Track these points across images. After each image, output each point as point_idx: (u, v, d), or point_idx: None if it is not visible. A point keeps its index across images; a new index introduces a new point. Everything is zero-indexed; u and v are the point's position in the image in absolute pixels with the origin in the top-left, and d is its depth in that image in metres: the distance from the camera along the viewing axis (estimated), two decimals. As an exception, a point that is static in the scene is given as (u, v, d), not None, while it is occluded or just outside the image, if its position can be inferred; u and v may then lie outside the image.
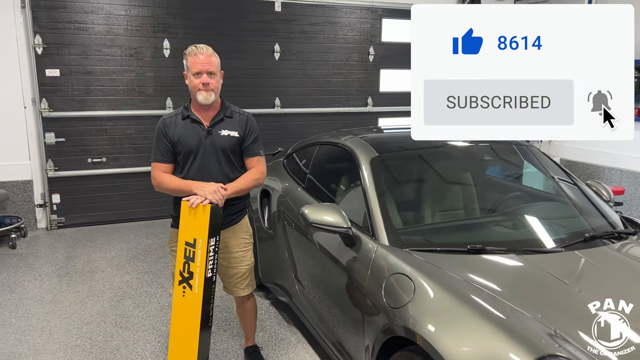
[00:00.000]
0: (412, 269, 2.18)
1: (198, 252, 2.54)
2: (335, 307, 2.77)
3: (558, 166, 3.25)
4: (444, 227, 2.73)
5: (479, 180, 3.13)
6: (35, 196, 5.60)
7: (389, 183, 2.89)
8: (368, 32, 6.74)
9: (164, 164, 2.69)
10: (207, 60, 2.61)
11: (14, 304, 3.90)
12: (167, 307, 3.86)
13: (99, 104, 5.68)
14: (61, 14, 5.37)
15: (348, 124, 6.83)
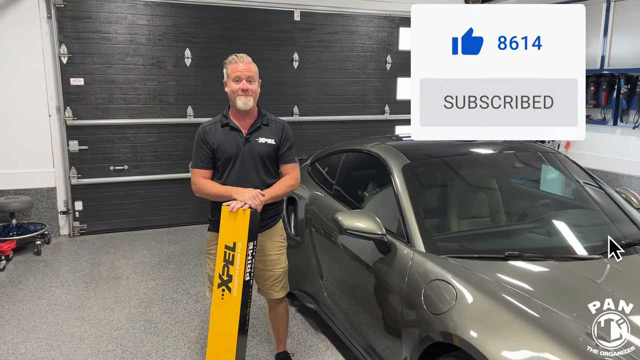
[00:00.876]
0: (452, 276, 2.20)
1: (237, 255, 2.58)
2: (368, 313, 2.79)
3: (586, 173, 3.26)
4: (478, 234, 2.75)
5: (509, 188, 3.15)
6: (59, 203, 5.67)
7: (421, 190, 2.92)
8: (385, 41, 6.80)
9: (204, 170, 2.74)
10: (247, 67, 2.69)
11: (43, 309, 3.95)
12: (194, 314, 3.89)
13: (122, 113, 5.75)
14: (86, 24, 5.46)
15: (365, 131, 6.87)
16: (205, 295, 4.09)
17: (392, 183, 2.89)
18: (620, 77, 6.49)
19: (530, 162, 3.29)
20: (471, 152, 3.33)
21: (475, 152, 3.33)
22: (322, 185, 3.76)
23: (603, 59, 6.50)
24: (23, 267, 4.79)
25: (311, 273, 3.54)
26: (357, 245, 2.90)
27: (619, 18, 6.32)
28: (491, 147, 3.42)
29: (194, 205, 6.19)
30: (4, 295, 4.18)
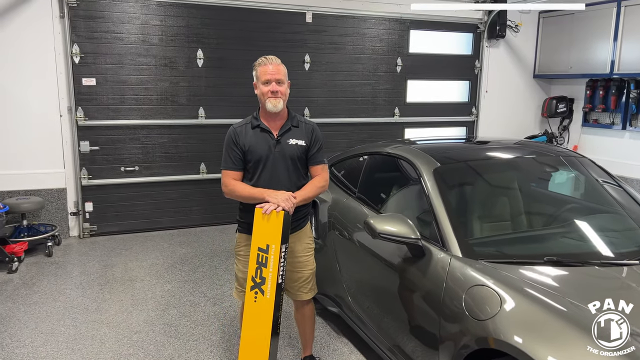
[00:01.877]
0: (495, 282, 2.19)
1: (271, 257, 2.56)
2: (399, 317, 2.76)
3: (611, 177, 3.26)
4: (512, 238, 2.74)
5: (537, 191, 3.14)
6: (69, 204, 5.62)
7: (453, 193, 2.90)
8: (396, 43, 6.79)
9: (235, 172, 2.72)
10: (276, 69, 2.67)
11: (59, 312, 3.90)
12: (214, 317, 3.86)
13: (133, 113, 5.71)
14: (99, 23, 5.42)
15: (375, 134, 6.88)
16: (232, 297, 4.09)
17: (422, 186, 2.88)
18: (629, 82, 6.52)
19: (557, 166, 3.28)
20: (499, 155, 3.33)
21: (502, 156, 3.32)
22: (344, 188, 3.74)
23: (613, 63, 6.53)
24: (35, 269, 4.74)
25: (334, 276, 3.51)
26: (386, 248, 2.88)
27: (629, 22, 6.35)
28: (515, 151, 3.43)
29: (203, 207, 6.15)
30: (18, 297, 4.12)
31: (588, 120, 7.21)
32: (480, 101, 7.45)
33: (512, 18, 7.29)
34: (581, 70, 6.99)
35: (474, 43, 7.30)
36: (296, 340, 3.47)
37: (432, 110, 7.22)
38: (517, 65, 7.60)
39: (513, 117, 7.69)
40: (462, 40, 7.28)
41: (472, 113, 7.48)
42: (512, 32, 7.39)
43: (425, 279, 2.53)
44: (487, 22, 7.15)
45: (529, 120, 7.82)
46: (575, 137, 7.41)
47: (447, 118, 7.34)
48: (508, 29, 7.28)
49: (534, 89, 7.75)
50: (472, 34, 7.26)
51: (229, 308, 3.99)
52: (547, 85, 7.81)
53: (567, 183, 3.34)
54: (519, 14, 7.38)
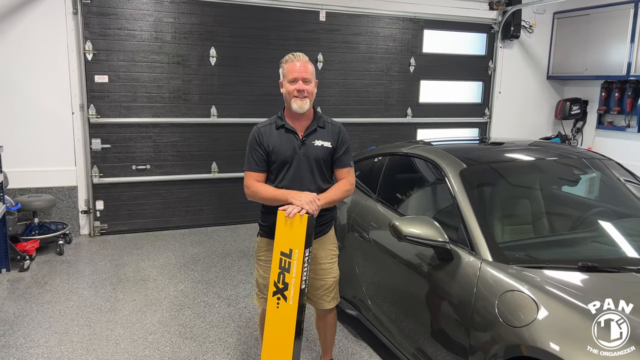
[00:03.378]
0: (529, 287, 2.12)
1: (294, 262, 2.49)
2: (424, 322, 2.70)
3: (637, 178, 3.19)
4: (543, 242, 2.67)
5: (565, 194, 3.07)
6: (80, 202, 5.57)
7: (480, 196, 2.84)
8: (409, 43, 6.73)
9: (258, 173, 2.64)
10: (303, 67, 2.61)
11: (73, 311, 3.85)
12: (229, 318, 3.80)
13: (145, 111, 5.66)
14: (112, 20, 5.37)
15: (387, 134, 6.81)
16: (247, 298, 4.03)
17: (448, 188, 2.81)
18: (647, 84, 6.44)
19: (582, 168, 3.21)
20: (522, 157, 3.26)
21: (526, 157, 3.26)
22: (363, 190, 3.68)
23: (629, 65, 6.45)
24: (47, 268, 4.69)
25: (352, 278, 3.45)
26: (410, 251, 2.81)
27: (647, 24, 6.27)
28: (538, 152, 3.36)
29: (214, 206, 6.10)
30: (31, 297, 4.07)
31: (602, 122, 7.13)
32: (493, 102, 7.38)
33: (526, 18, 7.22)
34: (596, 71, 6.91)
35: (488, 43, 7.22)
36: (314, 344, 3.42)
37: (444, 110, 7.15)
38: (531, 66, 7.52)
39: (526, 119, 7.62)
40: (476, 41, 7.21)
41: (484, 114, 7.41)
42: (526, 33, 7.31)
43: (453, 284, 2.47)
44: (501, 22, 7.08)
45: (542, 122, 7.74)
46: (589, 140, 7.33)
47: (460, 119, 7.27)
48: (522, 29, 7.21)
49: (547, 90, 7.68)
50: (486, 34, 7.19)
51: (243, 309, 3.93)
52: (560, 86, 7.73)
53: (592, 185, 3.28)
54: (534, 14, 7.31)
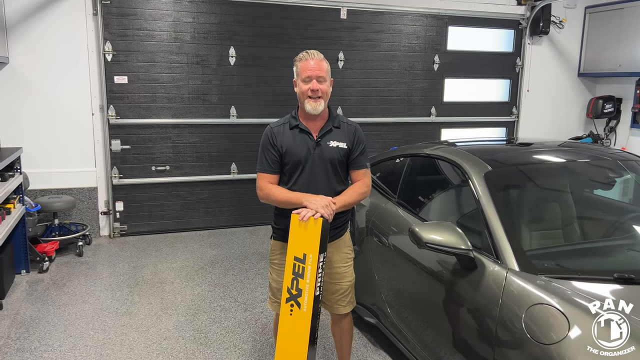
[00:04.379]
0: (560, 300, 1.96)
1: (308, 268, 2.37)
2: (445, 332, 2.55)
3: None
4: (574, 251, 2.49)
5: (598, 199, 2.88)
6: (100, 203, 5.57)
7: (506, 200, 2.67)
8: (433, 40, 6.54)
9: (271, 175, 2.54)
10: (318, 65, 2.49)
11: (89, 314, 3.81)
12: (245, 323, 3.71)
13: (164, 112, 5.63)
14: (131, 21, 5.34)
15: (410, 134, 6.65)
16: (264, 303, 3.93)
17: (471, 191, 2.66)
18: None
19: (617, 170, 3.01)
20: (551, 159, 3.08)
21: (555, 159, 3.07)
22: (383, 192, 3.54)
23: (662, 60, 6.13)
24: (66, 269, 4.68)
25: (371, 284, 3.32)
26: (431, 257, 2.67)
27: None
28: (568, 153, 3.17)
29: (234, 208, 6.03)
30: (48, 299, 4.06)
31: (637, 121, 6.80)
32: (521, 101, 7.12)
33: (556, 13, 6.94)
34: (631, 68, 6.59)
35: (515, 40, 6.98)
36: (331, 352, 3.29)
37: (470, 109, 6.94)
38: (561, 63, 7.24)
39: (556, 118, 7.34)
40: (503, 37, 6.98)
41: (512, 113, 7.16)
42: (556, 29, 7.04)
43: (476, 294, 2.31)
44: (529, 17, 6.83)
45: (572, 121, 7.44)
46: (623, 139, 7.01)
47: (486, 118, 7.04)
48: (552, 25, 6.94)
49: (578, 88, 7.38)
50: (514, 30, 6.95)
51: (260, 315, 3.84)
52: (592, 84, 7.42)
53: (627, 188, 3.07)
54: (564, 9, 7.03)
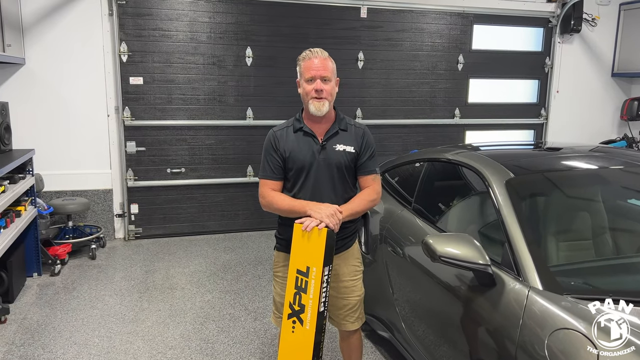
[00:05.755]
0: (588, 325, 1.74)
1: (311, 282, 2.21)
2: (461, 353, 2.35)
3: None
4: (604, 267, 2.26)
5: (631, 209, 2.63)
6: (115, 206, 5.52)
7: (530, 210, 2.46)
8: (457, 39, 6.30)
9: (274, 181, 2.38)
10: (322, 64, 2.32)
11: (96, 321, 3.73)
12: (254, 333, 3.56)
13: (180, 113, 5.54)
14: (147, 21, 5.28)
15: (433, 136, 6.42)
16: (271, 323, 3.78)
17: (492, 201, 2.45)
18: None
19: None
20: (580, 166, 2.84)
21: (585, 166, 2.83)
22: (398, 199, 3.35)
23: None
24: (78, 272, 4.63)
25: (385, 297, 3.13)
26: (448, 272, 2.46)
27: None
28: (599, 160, 2.92)
29: (250, 211, 5.92)
30: (57, 303, 4.00)
31: (676, 123, 6.43)
32: (550, 102, 6.81)
33: (588, 10, 6.61)
34: (669, 67, 6.23)
35: (545, 38, 6.67)
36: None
37: (496, 111, 6.66)
38: (593, 63, 6.90)
39: (587, 120, 6.99)
40: (532, 36, 6.68)
41: (541, 115, 6.85)
42: (588, 26, 6.71)
43: (496, 314, 2.10)
44: (560, 15, 6.52)
45: (605, 124, 7.09)
46: (660, 143, 6.63)
47: (513, 120, 6.75)
48: (584, 22, 6.61)
49: (612, 88, 7.02)
50: (543, 28, 6.65)
51: (269, 325, 3.69)
52: (627, 84, 7.05)
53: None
54: (597, 6, 6.69)
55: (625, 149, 5.85)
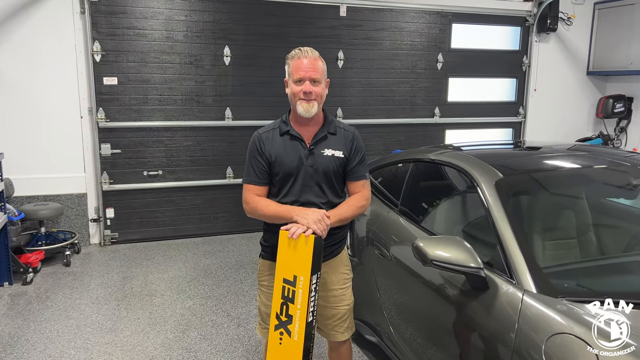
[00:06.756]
0: (586, 330, 1.71)
1: (299, 291, 2.13)
2: (452, 357, 2.30)
3: None
4: (598, 268, 2.24)
5: (619, 209, 2.62)
6: (89, 210, 5.34)
7: (520, 211, 2.42)
8: (437, 38, 6.29)
9: (259, 186, 2.29)
10: (312, 65, 2.24)
11: (72, 331, 3.58)
12: (237, 340, 3.47)
13: (156, 114, 5.39)
14: (120, 19, 5.12)
15: (413, 135, 6.41)
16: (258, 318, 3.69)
17: (482, 202, 2.41)
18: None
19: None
20: (567, 165, 2.83)
21: (571, 165, 2.82)
22: (384, 200, 3.29)
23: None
24: (51, 280, 4.45)
25: (372, 301, 3.07)
26: (438, 274, 2.42)
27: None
28: (585, 159, 2.91)
29: (230, 213, 5.80)
30: (30, 314, 3.83)
31: (650, 121, 6.55)
32: (528, 100, 6.86)
33: (564, 10, 6.68)
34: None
35: (522, 37, 6.72)
36: (329, 374, 3.05)
37: (475, 110, 6.68)
38: (570, 62, 6.98)
39: (564, 118, 7.07)
40: (509, 35, 6.72)
41: (519, 113, 6.90)
42: (564, 25, 6.78)
43: (489, 319, 2.06)
44: (537, 14, 6.57)
45: (581, 121, 7.18)
46: (635, 140, 6.75)
47: (492, 119, 6.78)
48: (560, 21, 6.67)
49: (587, 87, 7.11)
50: (520, 27, 6.69)
51: (253, 331, 3.60)
52: (602, 83, 7.16)
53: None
54: (572, 5, 6.77)
55: (602, 146, 5.93)
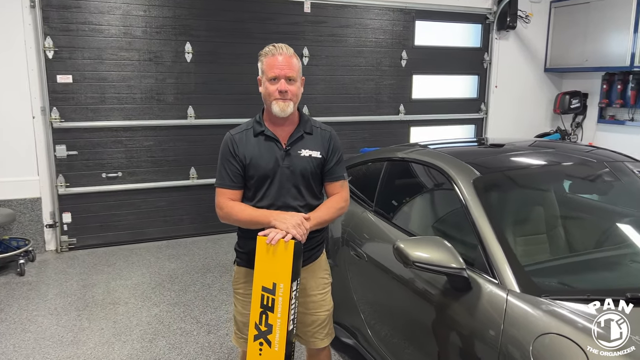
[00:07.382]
0: (574, 329, 1.70)
1: (279, 299, 2.04)
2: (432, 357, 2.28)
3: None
4: (577, 264, 2.25)
5: (602, 207, 2.66)
6: (44, 215, 5.06)
7: (499, 209, 2.41)
8: (400, 35, 6.30)
9: (233, 190, 2.18)
10: (287, 62, 2.15)
11: (29, 346, 3.36)
12: (208, 348, 3.35)
13: (115, 113, 5.16)
14: (74, 14, 4.86)
15: (378, 133, 6.41)
16: (229, 323, 3.56)
17: (460, 200, 2.39)
18: (652, 75, 6.09)
19: (615, 173, 2.79)
20: (544, 162, 2.84)
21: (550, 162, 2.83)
22: (359, 200, 3.24)
23: (633, 55, 6.09)
24: (4, 292, 4.18)
25: (348, 302, 3.02)
26: (417, 275, 2.39)
27: (651, 12, 5.91)
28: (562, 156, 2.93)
29: (194, 215, 5.63)
30: (-18, 328, 3.59)
31: (604, 116, 6.77)
32: (489, 97, 6.98)
33: (522, 8, 6.82)
34: (597, 63, 6.54)
35: (483, 35, 6.82)
36: (306, 379, 2.97)
37: (439, 107, 6.74)
38: (528, 59, 7.14)
39: (524, 114, 7.23)
40: (471, 32, 6.81)
41: (481, 110, 7.01)
42: (522, 23, 6.92)
43: (473, 321, 2.03)
44: (496, 12, 6.68)
45: (540, 117, 7.36)
46: (590, 135, 6.97)
47: (455, 115, 6.86)
48: (519, 19, 6.81)
49: (545, 83, 7.30)
50: (481, 24, 6.79)
51: (225, 337, 3.48)
52: (558, 79, 7.36)
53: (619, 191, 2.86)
54: (530, 3, 6.92)
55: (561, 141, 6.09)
